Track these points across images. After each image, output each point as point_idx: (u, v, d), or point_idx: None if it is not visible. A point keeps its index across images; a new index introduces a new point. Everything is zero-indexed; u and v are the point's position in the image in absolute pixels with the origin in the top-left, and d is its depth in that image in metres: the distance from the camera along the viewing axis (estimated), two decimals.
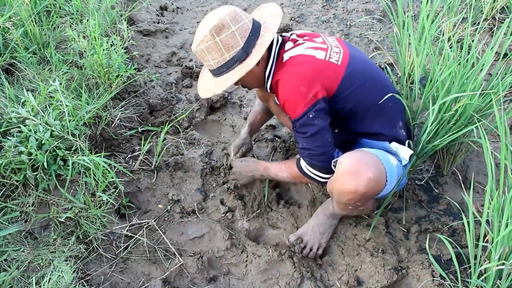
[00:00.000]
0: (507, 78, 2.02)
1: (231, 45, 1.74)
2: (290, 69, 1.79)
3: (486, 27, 3.19)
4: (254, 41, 1.78)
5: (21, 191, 1.93)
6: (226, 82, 1.81)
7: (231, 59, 1.77)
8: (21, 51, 2.43)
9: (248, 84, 1.99)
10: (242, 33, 1.75)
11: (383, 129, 1.90)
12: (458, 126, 1.99)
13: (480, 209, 2.20)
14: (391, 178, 1.79)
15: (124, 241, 1.98)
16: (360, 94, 1.83)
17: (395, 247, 2.08)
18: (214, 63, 1.80)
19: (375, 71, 1.95)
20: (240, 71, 1.77)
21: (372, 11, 3.65)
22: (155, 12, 3.68)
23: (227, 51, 1.75)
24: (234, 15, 1.75)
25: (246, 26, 1.76)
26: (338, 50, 1.85)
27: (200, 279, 1.92)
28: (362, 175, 1.70)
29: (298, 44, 1.87)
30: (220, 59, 1.78)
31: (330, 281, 1.99)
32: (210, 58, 1.79)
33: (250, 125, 2.40)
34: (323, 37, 1.92)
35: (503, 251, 1.68)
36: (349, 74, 1.80)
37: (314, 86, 1.74)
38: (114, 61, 2.39)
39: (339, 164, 1.76)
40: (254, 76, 1.89)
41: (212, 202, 2.24)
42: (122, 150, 2.36)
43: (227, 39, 1.73)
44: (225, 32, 1.72)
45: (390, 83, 2.01)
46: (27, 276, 1.70)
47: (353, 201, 1.79)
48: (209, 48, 1.76)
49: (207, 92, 1.89)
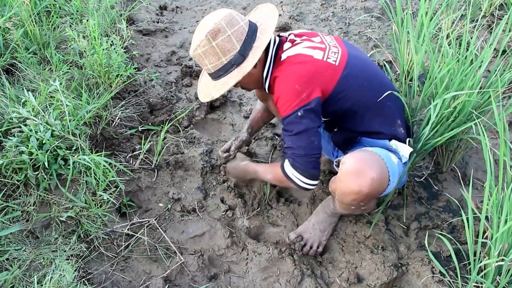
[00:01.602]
0: (506, 74, 2.02)
1: (227, 49, 1.75)
2: (288, 67, 1.79)
3: (485, 24, 3.20)
4: (250, 44, 1.78)
5: (22, 191, 1.93)
6: (224, 85, 1.82)
7: (228, 62, 1.78)
8: (22, 51, 2.44)
9: (247, 85, 2.00)
10: (238, 37, 1.75)
11: (382, 128, 1.90)
12: (457, 123, 1.99)
13: (479, 205, 2.20)
14: (394, 177, 1.79)
15: (125, 239, 1.99)
16: (358, 94, 1.83)
17: (395, 244, 2.08)
18: (212, 67, 1.81)
19: (374, 70, 1.94)
20: (238, 74, 1.78)
21: (371, 9, 3.65)
22: (154, 12, 3.69)
23: (224, 55, 1.76)
24: (230, 19, 1.75)
25: (242, 29, 1.77)
26: (336, 50, 1.85)
27: (201, 277, 1.93)
28: (365, 176, 1.69)
29: (296, 44, 1.87)
30: (217, 63, 1.79)
31: (330, 278, 2.00)
32: (208, 62, 1.80)
33: (250, 122, 2.41)
34: (321, 37, 1.92)
35: (502, 247, 1.68)
36: (346, 74, 1.80)
37: (309, 86, 1.74)
38: (114, 61, 2.40)
39: (342, 164, 1.75)
40: (252, 78, 1.89)
41: (212, 201, 2.25)
42: (123, 149, 2.37)
43: (224, 43, 1.74)
44: (221, 37, 1.73)
45: (389, 82, 2.00)
46: (29, 275, 1.70)
47: (357, 201, 1.79)
48: (206, 53, 1.77)
49: (206, 96, 1.91)
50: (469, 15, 2.32)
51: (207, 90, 1.91)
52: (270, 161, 2.47)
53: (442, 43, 2.20)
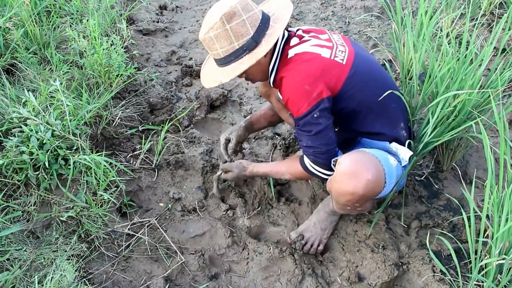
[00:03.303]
0: (506, 73, 2.02)
1: (241, 34, 1.71)
2: (295, 66, 1.78)
3: (485, 22, 3.19)
4: (264, 31, 1.75)
5: (23, 191, 1.94)
6: (234, 71, 1.77)
7: (240, 47, 1.73)
8: (22, 51, 2.44)
9: (253, 76, 1.93)
10: (253, 22, 1.72)
11: (384, 129, 1.90)
12: (457, 121, 1.99)
13: (480, 204, 2.20)
14: (390, 179, 1.79)
15: (126, 239, 1.99)
16: (363, 94, 1.82)
17: (396, 243, 2.08)
18: (222, 52, 1.76)
19: (379, 71, 1.94)
20: (249, 60, 1.74)
21: (371, 8, 3.65)
22: (154, 12, 3.69)
23: (237, 39, 1.72)
24: (245, 4, 1.72)
25: (256, 15, 1.74)
26: (344, 49, 1.84)
27: (202, 277, 1.93)
28: (360, 177, 1.70)
29: (304, 41, 1.85)
30: (229, 47, 1.74)
31: (331, 277, 2.00)
32: (218, 47, 1.75)
33: (250, 117, 2.35)
34: (329, 34, 1.90)
35: (503, 246, 1.68)
36: (353, 73, 1.78)
37: (318, 85, 1.73)
38: (114, 61, 2.40)
39: (338, 164, 1.76)
40: (261, 67, 1.85)
41: (213, 200, 2.25)
42: (123, 149, 2.37)
43: (238, 27, 1.70)
44: (236, 20, 1.70)
45: (393, 83, 1.99)
46: (30, 275, 1.70)
47: (352, 202, 1.79)
48: (218, 36, 1.72)
49: (212, 82, 1.85)
50: (469, 13, 2.32)
51: (214, 77, 1.85)
52: (270, 160, 2.47)
53: (442, 42, 2.20)
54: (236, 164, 2.15)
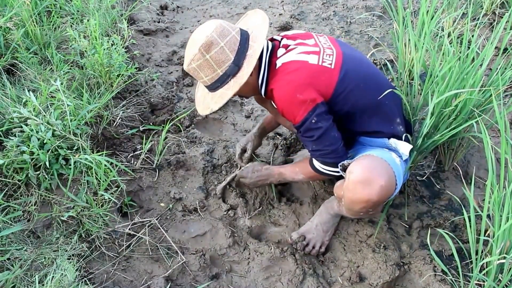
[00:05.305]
0: (507, 72, 2.02)
1: (222, 60, 1.75)
2: (283, 77, 1.78)
3: (486, 22, 3.19)
4: (244, 53, 1.77)
5: (24, 191, 1.94)
6: (222, 97, 1.81)
7: (223, 74, 1.77)
8: (22, 51, 2.44)
9: (244, 94, 1.99)
10: (232, 47, 1.75)
11: (381, 127, 1.89)
12: (458, 121, 1.98)
13: (481, 203, 2.20)
14: (400, 180, 1.78)
15: (127, 239, 1.99)
16: (355, 95, 1.81)
17: (397, 243, 2.08)
18: (208, 79, 1.81)
19: (369, 69, 1.92)
20: (234, 85, 1.77)
21: (372, 8, 3.65)
22: (155, 11, 3.69)
23: (219, 66, 1.76)
24: (221, 30, 1.74)
25: (234, 39, 1.76)
26: (331, 52, 1.83)
27: (203, 277, 1.93)
28: (374, 184, 1.67)
29: (290, 50, 1.85)
30: (213, 75, 1.78)
31: (332, 277, 2.00)
32: (203, 75, 1.80)
33: (263, 121, 2.39)
34: (315, 38, 1.90)
35: (504, 245, 1.68)
36: (343, 77, 1.78)
37: (310, 92, 1.73)
38: (115, 61, 2.40)
39: (349, 173, 1.73)
40: (249, 86, 1.87)
41: (214, 200, 2.24)
42: (124, 149, 2.37)
43: (217, 55, 1.74)
44: (215, 49, 1.73)
45: (386, 80, 1.98)
46: (30, 275, 1.70)
47: (366, 208, 1.76)
48: (200, 66, 1.77)
49: (205, 109, 1.90)
50: (470, 13, 2.32)
51: (205, 103, 1.90)
52: (271, 160, 2.47)
53: (443, 41, 2.19)
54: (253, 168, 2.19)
